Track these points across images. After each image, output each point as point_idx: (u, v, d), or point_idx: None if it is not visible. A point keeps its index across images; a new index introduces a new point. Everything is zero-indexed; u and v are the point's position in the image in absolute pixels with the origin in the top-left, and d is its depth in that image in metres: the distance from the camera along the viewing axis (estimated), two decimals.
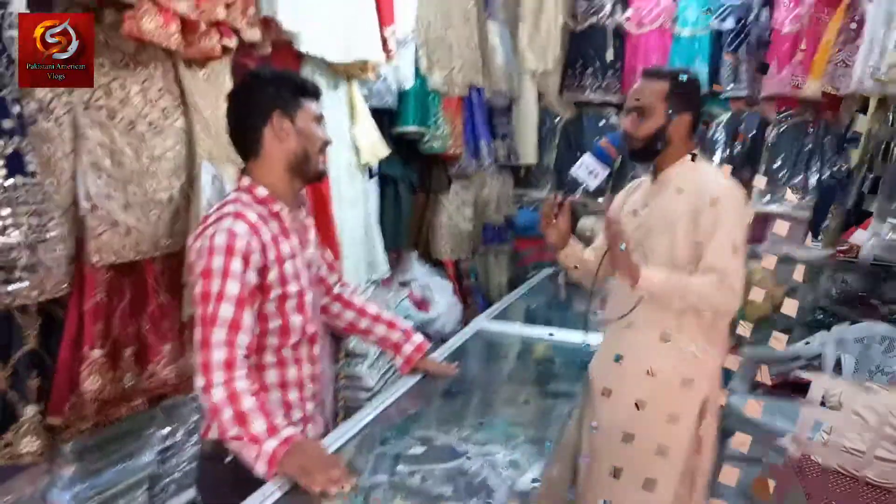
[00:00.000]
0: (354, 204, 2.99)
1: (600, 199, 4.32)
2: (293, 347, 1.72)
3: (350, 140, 2.94)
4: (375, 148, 3.04)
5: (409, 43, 3.24)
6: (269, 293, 1.64)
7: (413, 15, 3.28)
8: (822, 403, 2.47)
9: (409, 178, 3.61)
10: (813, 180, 4.28)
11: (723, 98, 4.56)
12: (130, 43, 1.87)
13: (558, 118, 4.96)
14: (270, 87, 1.67)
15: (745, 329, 1.69)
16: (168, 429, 2.25)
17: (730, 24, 4.43)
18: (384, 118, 3.27)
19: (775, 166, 4.36)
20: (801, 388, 2.77)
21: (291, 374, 1.72)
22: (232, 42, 2.13)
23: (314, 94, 1.75)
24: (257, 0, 2.24)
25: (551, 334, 2.73)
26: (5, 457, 1.68)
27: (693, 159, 2.08)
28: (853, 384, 2.57)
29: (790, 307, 1.64)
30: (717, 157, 4.54)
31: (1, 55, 1.49)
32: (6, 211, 1.50)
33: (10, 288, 1.54)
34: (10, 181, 1.51)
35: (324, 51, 2.57)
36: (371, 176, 3.16)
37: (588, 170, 2.02)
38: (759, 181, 4.23)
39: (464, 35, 3.78)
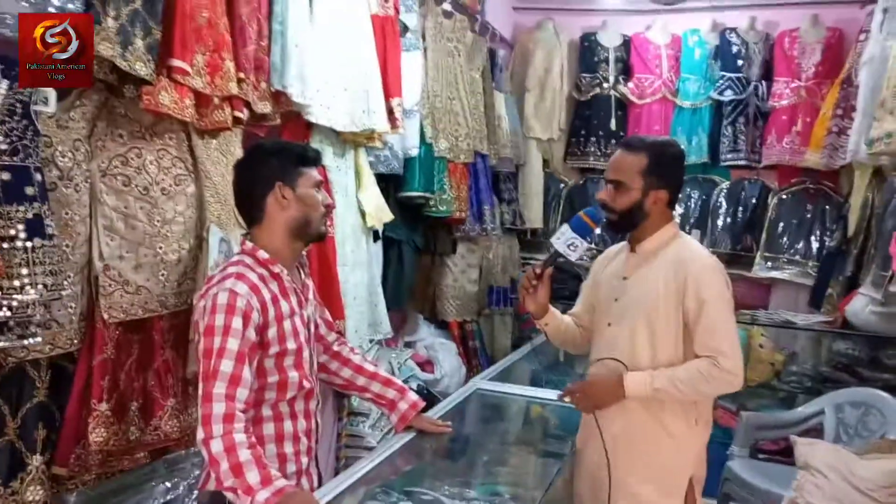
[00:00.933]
0: (359, 266, 3.07)
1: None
2: (290, 402, 1.78)
3: (356, 204, 3.04)
4: (380, 213, 3.13)
5: (415, 112, 3.37)
6: (268, 350, 1.71)
7: (419, 86, 3.40)
8: (816, 468, 2.49)
9: (414, 240, 3.70)
10: (814, 247, 4.34)
11: (724, 166, 4.66)
12: (148, 115, 1.98)
13: (563, 184, 5.07)
14: (273, 158, 1.76)
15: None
16: (169, 483, 2.28)
17: (729, 96, 4.54)
18: (391, 182, 3.37)
19: (776, 233, 4.43)
20: None
21: (287, 428, 1.78)
22: (243, 114, 2.24)
23: (315, 161, 1.83)
24: (268, 74, 2.36)
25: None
26: None
27: (672, 230, 2.05)
28: (846, 449, 2.58)
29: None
30: (720, 224, 4.62)
31: (27, 129, 1.60)
32: (25, 271, 1.59)
33: (25, 343, 1.62)
34: (30, 243, 1.60)
35: (332, 121, 2.68)
36: (376, 239, 3.25)
37: (566, 242, 1.98)
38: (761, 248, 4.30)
39: (469, 105, 3.90)
